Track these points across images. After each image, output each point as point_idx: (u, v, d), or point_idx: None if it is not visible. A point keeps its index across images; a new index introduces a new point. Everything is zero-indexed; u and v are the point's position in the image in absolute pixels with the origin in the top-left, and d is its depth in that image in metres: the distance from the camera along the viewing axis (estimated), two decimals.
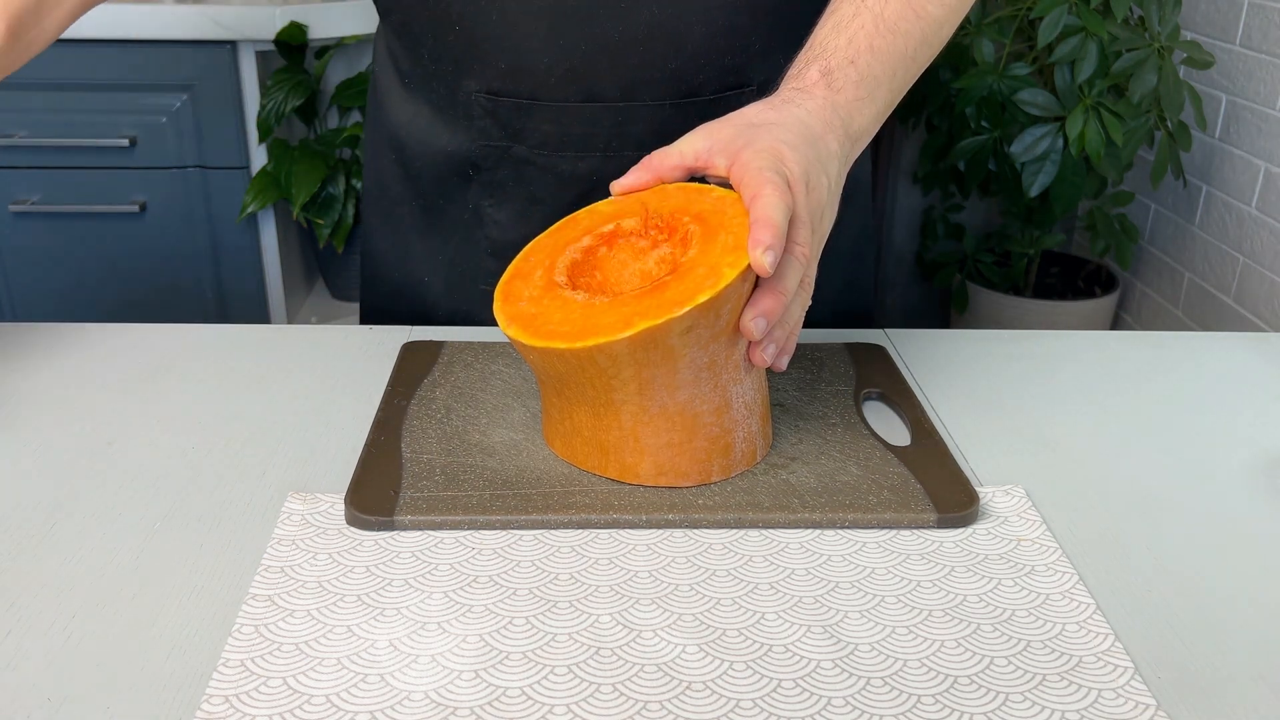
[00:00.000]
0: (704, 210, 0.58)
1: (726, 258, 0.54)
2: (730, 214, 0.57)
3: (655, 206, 0.60)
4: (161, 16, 1.70)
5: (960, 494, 0.59)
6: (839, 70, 0.63)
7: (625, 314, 0.54)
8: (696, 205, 0.59)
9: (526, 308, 0.57)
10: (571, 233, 0.62)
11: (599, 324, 0.54)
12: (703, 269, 0.54)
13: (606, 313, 0.54)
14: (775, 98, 0.63)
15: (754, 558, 0.55)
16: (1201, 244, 2.08)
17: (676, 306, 0.53)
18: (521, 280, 0.60)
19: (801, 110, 0.61)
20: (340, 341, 0.78)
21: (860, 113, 0.64)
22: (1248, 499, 0.62)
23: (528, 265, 0.61)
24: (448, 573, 0.53)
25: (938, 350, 0.79)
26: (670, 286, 0.54)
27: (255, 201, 1.81)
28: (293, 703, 0.45)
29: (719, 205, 0.58)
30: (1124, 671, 0.48)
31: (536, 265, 0.60)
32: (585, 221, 0.62)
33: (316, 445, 0.65)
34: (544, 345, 0.54)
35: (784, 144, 0.58)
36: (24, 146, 1.78)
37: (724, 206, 0.58)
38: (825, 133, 0.61)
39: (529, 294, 0.58)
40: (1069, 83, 1.85)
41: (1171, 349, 0.81)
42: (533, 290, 0.59)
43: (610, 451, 0.59)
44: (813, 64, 0.64)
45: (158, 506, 0.58)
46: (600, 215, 0.62)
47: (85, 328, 0.79)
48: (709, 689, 0.46)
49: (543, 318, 0.56)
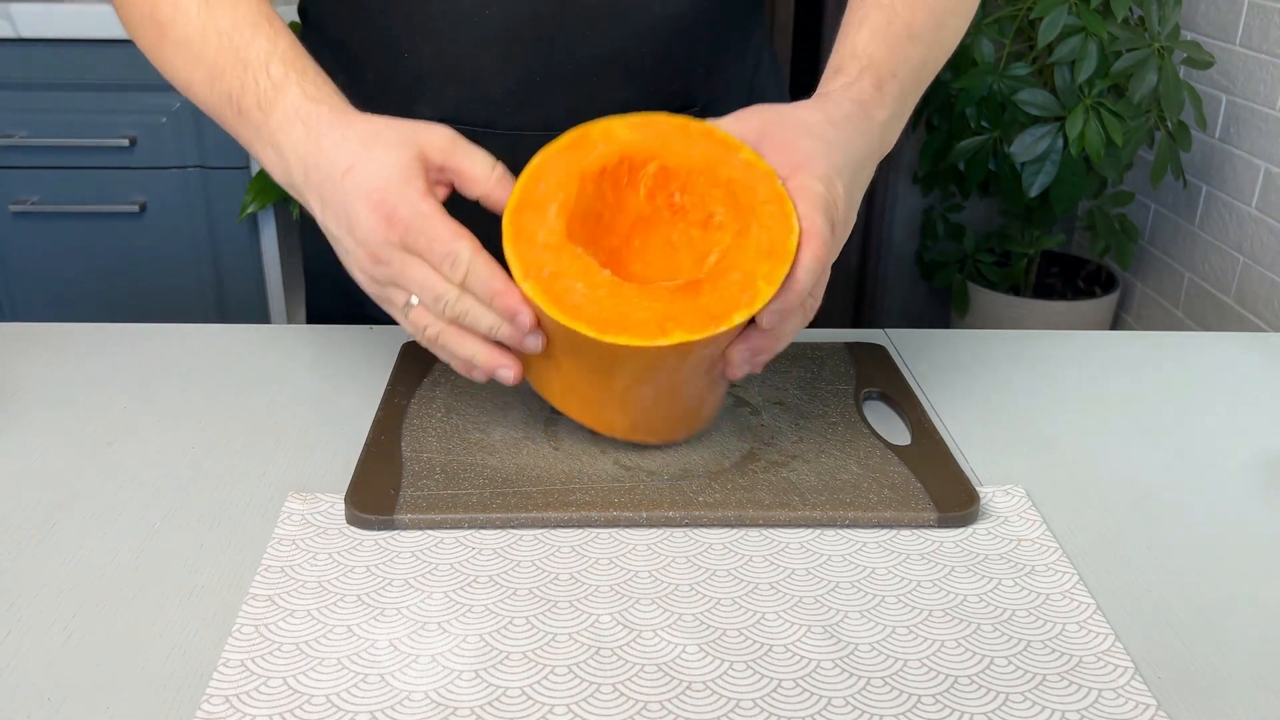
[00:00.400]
0: (733, 181, 0.57)
1: (761, 267, 0.54)
2: (761, 196, 0.56)
3: (677, 161, 0.58)
4: None
5: (960, 494, 0.59)
6: (887, 83, 0.63)
7: (658, 315, 0.53)
8: (724, 170, 0.57)
9: (543, 257, 0.55)
10: (584, 158, 0.58)
11: (629, 318, 0.53)
12: (738, 274, 0.54)
13: (637, 305, 0.54)
14: (833, 108, 0.61)
15: (754, 558, 0.55)
16: (1201, 244, 2.08)
17: (714, 323, 0.53)
18: (534, 213, 0.56)
19: (858, 130, 0.60)
20: (340, 341, 0.78)
21: (894, 130, 0.64)
22: (1248, 499, 0.62)
23: (539, 194, 0.56)
24: (448, 573, 0.53)
25: (938, 350, 0.79)
26: (705, 292, 0.54)
27: (255, 201, 1.81)
28: (293, 703, 0.45)
29: (748, 179, 0.56)
30: (1124, 671, 0.48)
31: (549, 198, 0.56)
32: (601, 147, 0.58)
33: (316, 445, 0.65)
34: (568, 323, 0.53)
35: (838, 175, 0.58)
36: (24, 146, 1.78)
37: (753, 181, 0.56)
38: (870, 157, 0.61)
39: (544, 239, 0.55)
40: (1069, 83, 1.85)
41: (1171, 349, 0.81)
42: (549, 235, 0.55)
43: (592, 406, 0.59)
44: (865, 75, 0.63)
45: (158, 506, 0.58)
46: (616, 144, 0.58)
47: (85, 328, 0.79)
48: (709, 689, 0.46)
49: (564, 281, 0.54)
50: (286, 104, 0.60)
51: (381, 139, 0.57)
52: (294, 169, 0.60)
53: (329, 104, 0.60)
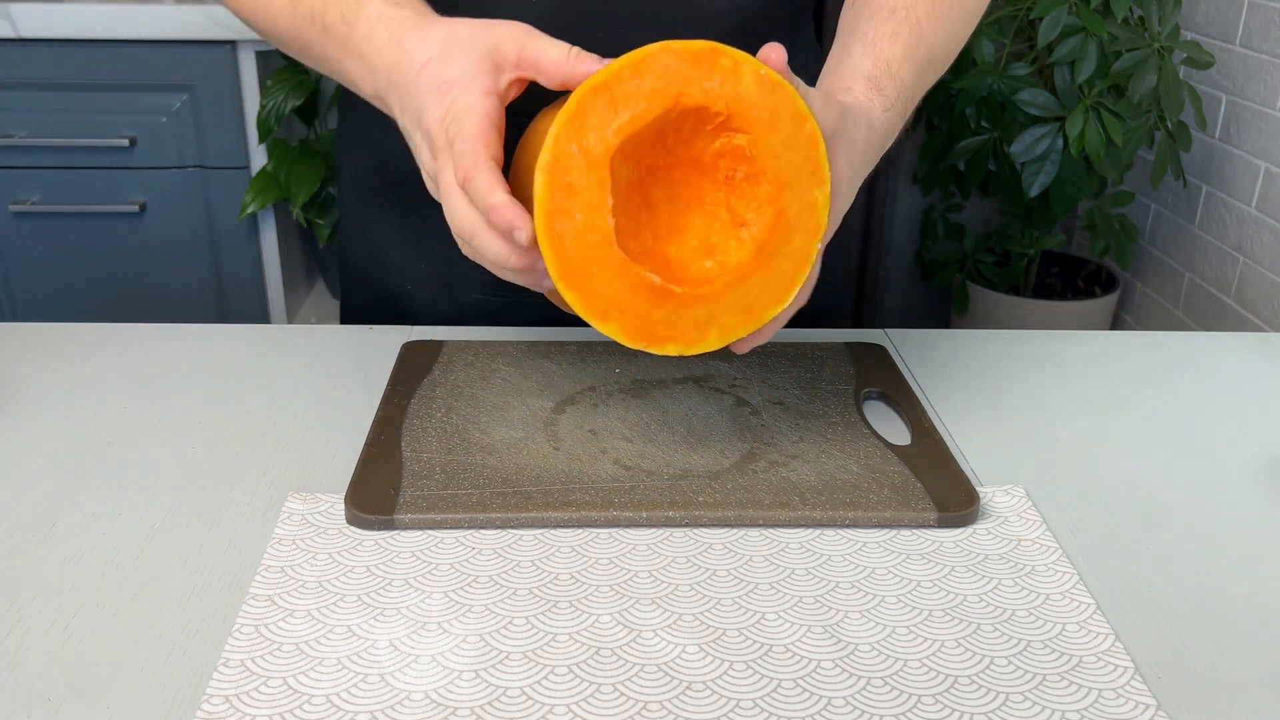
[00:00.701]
0: (787, 212, 0.56)
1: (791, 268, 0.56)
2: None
3: (765, 154, 0.55)
4: (161, 16, 1.71)
5: (960, 493, 0.59)
6: (897, 88, 0.65)
7: (702, 317, 0.55)
8: (790, 197, 0.55)
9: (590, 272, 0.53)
10: (686, 86, 0.54)
11: (676, 328, 0.55)
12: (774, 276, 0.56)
13: (682, 313, 0.55)
14: (878, 133, 0.63)
15: (754, 558, 0.55)
16: (1201, 244, 2.08)
17: (755, 319, 0.56)
18: (566, 218, 0.53)
19: (867, 132, 0.62)
20: (340, 341, 0.78)
21: (891, 137, 0.65)
22: (1248, 499, 0.62)
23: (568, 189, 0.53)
24: (448, 572, 0.53)
25: (938, 350, 0.79)
26: (749, 289, 0.55)
27: (255, 201, 1.81)
28: (293, 703, 0.45)
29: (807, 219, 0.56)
30: (1124, 671, 0.48)
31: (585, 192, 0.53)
32: (717, 82, 0.54)
33: (316, 445, 0.65)
34: (624, 342, 0.55)
35: (859, 180, 0.61)
36: (24, 146, 1.78)
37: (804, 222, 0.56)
38: (868, 163, 0.63)
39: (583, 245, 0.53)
40: (1069, 83, 1.85)
41: (1171, 349, 0.81)
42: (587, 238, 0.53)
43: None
44: (898, 104, 0.65)
45: (158, 506, 0.58)
46: (731, 95, 0.54)
47: (85, 328, 0.79)
48: (709, 689, 0.46)
49: (605, 287, 0.54)
50: (369, 12, 0.62)
51: (457, 38, 0.59)
52: (379, 75, 0.61)
53: (410, 7, 0.62)
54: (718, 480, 0.60)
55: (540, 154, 0.53)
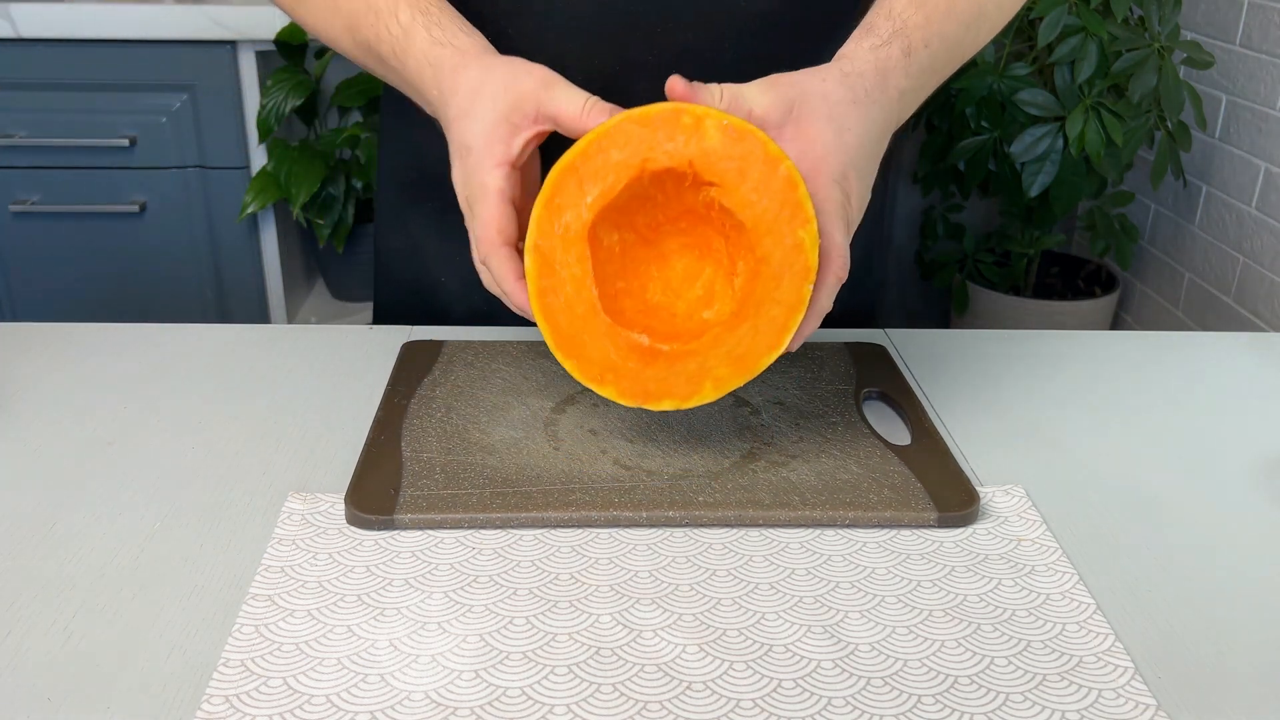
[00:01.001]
0: (770, 260, 0.55)
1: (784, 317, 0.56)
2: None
3: (741, 206, 0.55)
4: (161, 16, 1.71)
5: (960, 493, 0.59)
6: (915, 53, 0.62)
7: (694, 371, 0.56)
8: (771, 242, 0.55)
9: (582, 341, 0.57)
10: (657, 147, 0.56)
11: (668, 384, 0.56)
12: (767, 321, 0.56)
13: (674, 369, 0.56)
14: (855, 82, 0.60)
15: (754, 557, 0.55)
16: (1201, 244, 2.08)
17: (749, 369, 0.55)
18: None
19: (876, 109, 0.60)
20: (340, 341, 0.78)
21: (912, 104, 0.64)
22: (1248, 499, 0.62)
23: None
24: (448, 572, 0.53)
25: (938, 350, 0.79)
26: (740, 339, 0.55)
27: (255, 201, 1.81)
28: (293, 703, 0.45)
29: (790, 264, 0.54)
30: (1124, 671, 0.48)
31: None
32: (680, 142, 0.56)
33: (316, 445, 0.65)
34: (614, 400, 0.58)
35: (852, 168, 0.58)
36: (24, 146, 1.78)
37: (787, 268, 0.54)
38: (885, 134, 0.61)
39: (573, 317, 0.57)
40: (1069, 83, 1.85)
41: (1171, 349, 0.81)
42: (575, 308, 0.57)
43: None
44: (895, 40, 0.62)
45: (158, 506, 0.58)
46: (697, 149, 0.55)
47: (85, 328, 0.79)
48: (709, 689, 0.46)
49: (596, 353, 0.57)
50: (415, 49, 0.64)
51: (482, 94, 0.61)
52: (432, 107, 0.65)
53: (452, 46, 0.63)
54: (718, 480, 0.60)
55: (526, 235, 0.57)
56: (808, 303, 0.55)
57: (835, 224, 0.57)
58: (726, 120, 0.55)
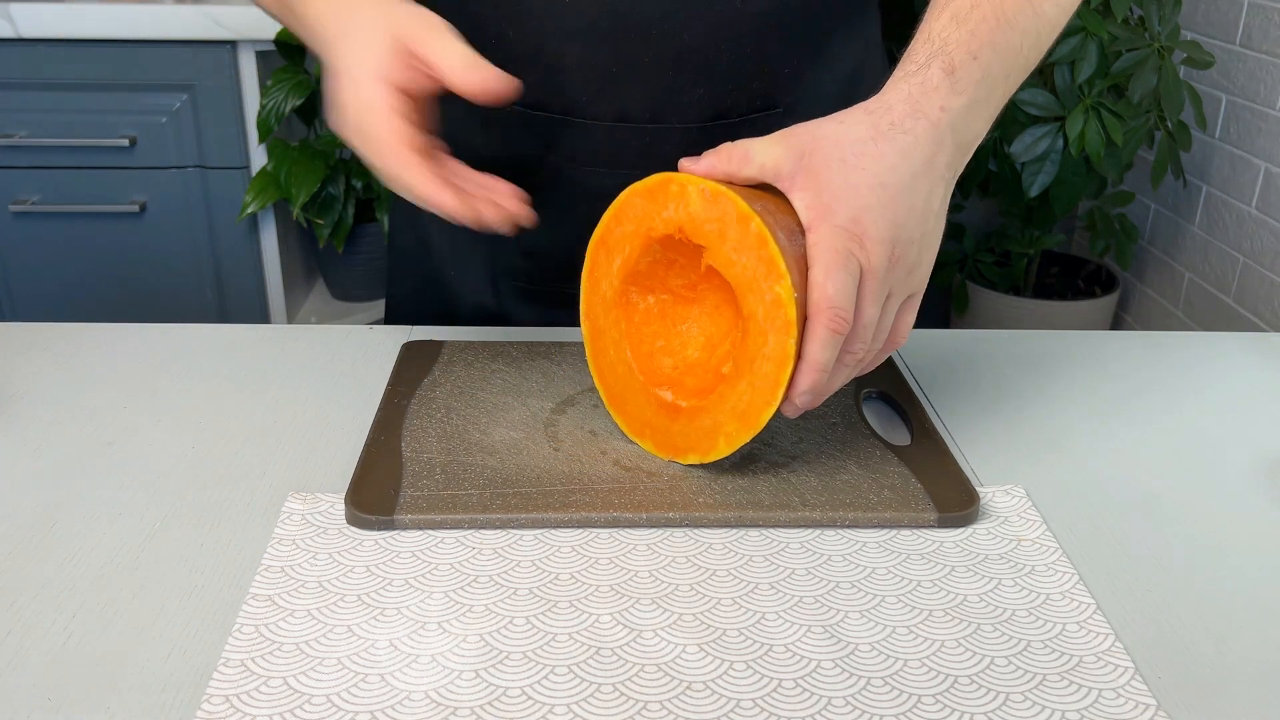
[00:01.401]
0: (753, 317, 0.55)
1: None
2: (768, 348, 0.55)
3: (723, 264, 0.56)
4: (161, 16, 1.71)
5: (960, 494, 0.59)
6: (962, 68, 0.59)
7: (709, 427, 0.58)
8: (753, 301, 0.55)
9: (625, 398, 0.62)
10: (654, 216, 0.59)
11: (691, 439, 0.59)
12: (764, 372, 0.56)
13: (693, 425, 0.59)
14: (882, 114, 0.57)
15: (754, 557, 0.55)
16: (1201, 244, 2.08)
17: (753, 424, 0.57)
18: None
19: (907, 139, 0.56)
20: (340, 341, 0.78)
21: (977, 117, 0.60)
22: (1248, 499, 0.62)
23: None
24: (448, 572, 0.53)
25: (938, 350, 0.79)
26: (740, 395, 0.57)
27: (255, 201, 1.81)
28: (293, 703, 0.45)
29: (768, 320, 0.55)
30: (1124, 671, 0.48)
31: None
32: (670, 210, 0.58)
33: (316, 445, 0.65)
34: (656, 454, 0.62)
35: (866, 211, 0.55)
36: (24, 146, 1.78)
37: (769, 327, 0.55)
38: (929, 164, 0.57)
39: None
40: (1069, 83, 1.85)
41: (1171, 349, 0.81)
42: (617, 368, 0.63)
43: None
44: (934, 61, 0.59)
45: (158, 506, 0.58)
46: (683, 213, 0.57)
47: (85, 328, 0.79)
48: (709, 689, 0.46)
49: (636, 409, 0.62)
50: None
51: (363, 19, 0.62)
52: (322, 41, 0.64)
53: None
54: (718, 481, 0.60)
55: (581, 303, 0.63)
56: (793, 357, 0.54)
57: (831, 274, 0.53)
58: (704, 185, 0.56)
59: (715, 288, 0.62)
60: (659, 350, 0.63)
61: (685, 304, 0.63)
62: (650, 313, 0.63)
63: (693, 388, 0.61)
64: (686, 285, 0.62)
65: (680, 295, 0.63)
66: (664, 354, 0.63)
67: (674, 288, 0.62)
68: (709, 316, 0.63)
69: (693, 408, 0.59)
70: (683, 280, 0.62)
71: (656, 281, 0.62)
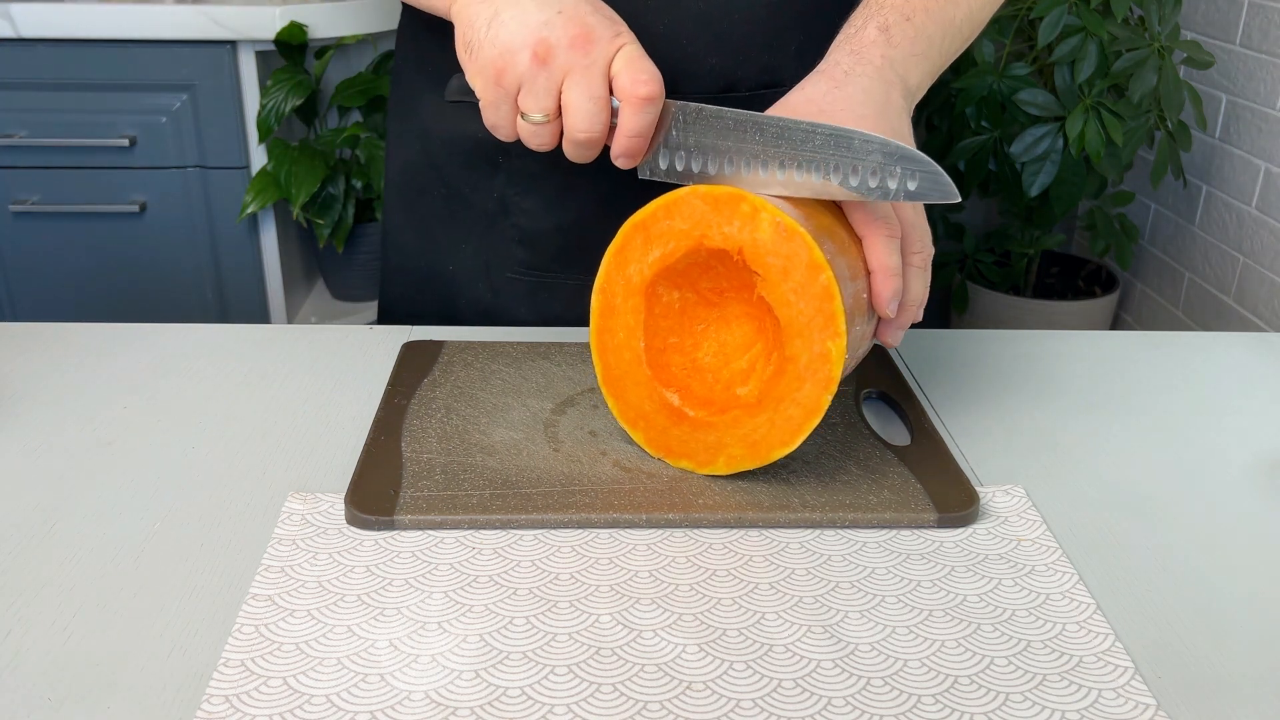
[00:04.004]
0: (795, 361, 0.56)
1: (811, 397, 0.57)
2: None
3: (779, 302, 0.56)
4: (161, 16, 1.70)
5: (960, 494, 0.59)
6: (896, 26, 0.65)
7: (712, 443, 0.59)
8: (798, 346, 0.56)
9: (624, 384, 0.62)
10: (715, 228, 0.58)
11: (688, 446, 0.60)
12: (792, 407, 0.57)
13: (695, 435, 0.59)
14: (834, 69, 0.63)
15: (754, 557, 0.55)
16: (1201, 244, 2.08)
17: (761, 457, 0.57)
18: (610, 334, 0.61)
19: (863, 80, 0.62)
20: (340, 341, 0.78)
21: (916, 69, 0.65)
22: (1248, 499, 0.62)
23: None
24: (448, 572, 0.53)
25: (938, 350, 0.79)
26: (757, 427, 0.57)
27: (255, 201, 1.81)
28: (293, 703, 0.45)
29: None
30: (1124, 671, 0.48)
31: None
32: (735, 227, 0.57)
33: (316, 445, 0.65)
34: (647, 450, 0.62)
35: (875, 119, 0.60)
36: (24, 146, 1.78)
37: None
38: (889, 91, 0.63)
39: (620, 360, 0.62)
40: (1069, 83, 1.85)
41: (1171, 349, 0.81)
42: (624, 354, 0.61)
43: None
44: (870, 21, 0.66)
45: (158, 506, 0.58)
46: (748, 237, 0.57)
47: (85, 328, 0.79)
48: (709, 689, 0.46)
49: (634, 399, 0.62)
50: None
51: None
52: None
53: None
54: (717, 481, 0.60)
55: (597, 275, 0.61)
56: (824, 410, 0.56)
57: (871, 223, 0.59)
58: (780, 218, 0.55)
59: (742, 300, 0.61)
60: (670, 347, 0.62)
61: (707, 306, 0.63)
62: (671, 308, 0.62)
63: (699, 395, 0.61)
64: (714, 290, 0.62)
65: (705, 297, 0.62)
66: (675, 351, 0.62)
67: (701, 289, 0.62)
68: (726, 324, 0.63)
69: (699, 420, 0.59)
70: (711, 285, 0.62)
71: (686, 280, 0.62)
